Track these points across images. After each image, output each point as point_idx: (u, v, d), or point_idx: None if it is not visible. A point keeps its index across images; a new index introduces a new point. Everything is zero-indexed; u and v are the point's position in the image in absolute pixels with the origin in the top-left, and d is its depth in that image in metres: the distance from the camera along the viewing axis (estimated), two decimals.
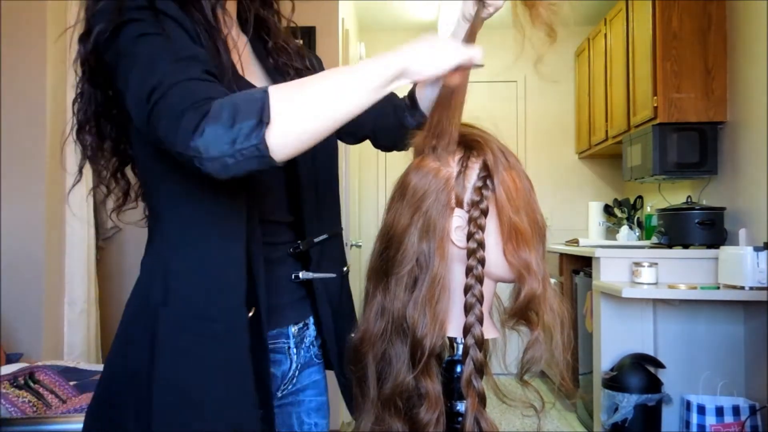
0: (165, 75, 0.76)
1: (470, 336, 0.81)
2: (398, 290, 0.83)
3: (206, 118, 0.72)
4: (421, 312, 0.81)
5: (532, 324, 0.84)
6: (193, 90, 0.75)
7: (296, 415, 1.07)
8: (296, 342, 1.03)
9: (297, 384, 1.06)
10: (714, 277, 2.69)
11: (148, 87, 0.76)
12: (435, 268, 0.82)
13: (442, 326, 0.82)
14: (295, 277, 1.00)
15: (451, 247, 0.85)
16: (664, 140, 3.06)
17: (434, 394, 0.81)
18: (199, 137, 0.72)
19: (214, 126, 0.72)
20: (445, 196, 0.84)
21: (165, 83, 0.75)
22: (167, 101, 0.74)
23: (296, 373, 1.05)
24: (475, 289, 0.82)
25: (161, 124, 0.75)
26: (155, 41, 0.80)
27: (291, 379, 1.04)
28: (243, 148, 0.72)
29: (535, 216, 0.86)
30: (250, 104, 0.72)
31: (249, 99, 0.73)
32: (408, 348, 0.82)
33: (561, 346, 0.82)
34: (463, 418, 0.81)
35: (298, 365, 1.04)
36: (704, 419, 2.58)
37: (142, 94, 0.76)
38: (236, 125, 0.71)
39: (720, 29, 2.99)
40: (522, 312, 0.84)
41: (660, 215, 3.11)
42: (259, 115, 0.72)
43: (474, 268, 0.82)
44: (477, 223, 0.83)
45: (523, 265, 0.83)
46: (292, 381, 1.04)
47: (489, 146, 0.86)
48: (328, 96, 0.75)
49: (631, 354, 2.77)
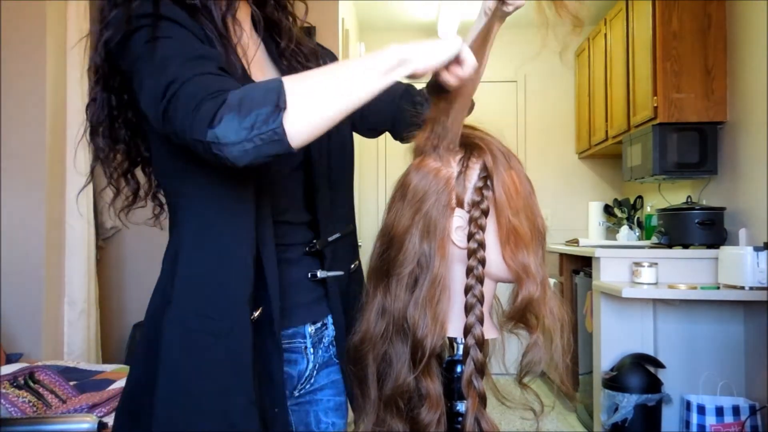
0: (178, 72, 0.78)
1: (471, 336, 0.81)
2: (399, 290, 0.83)
3: (223, 106, 0.74)
4: (421, 312, 0.81)
5: (530, 327, 0.84)
6: (207, 83, 0.77)
7: (314, 414, 1.07)
8: (313, 342, 1.04)
9: (315, 383, 1.06)
10: (714, 277, 2.69)
11: (163, 84, 0.78)
12: (435, 269, 0.82)
13: (442, 326, 0.82)
14: (312, 276, 1.01)
15: (451, 247, 0.85)
16: (664, 140, 3.05)
17: (435, 395, 0.81)
18: (217, 124, 0.74)
19: (231, 114, 0.74)
20: (445, 196, 0.84)
21: (179, 79, 0.77)
22: (183, 94, 0.77)
23: (314, 372, 1.05)
24: (475, 289, 0.82)
25: (178, 115, 0.77)
26: (166, 43, 0.82)
27: (308, 378, 1.04)
28: (261, 132, 0.74)
29: (535, 219, 0.86)
30: (266, 93, 0.75)
31: (265, 88, 0.76)
32: (409, 348, 0.82)
33: (561, 350, 0.82)
34: (463, 418, 0.81)
35: (315, 365, 1.05)
36: (704, 419, 2.58)
37: (157, 92, 0.79)
38: (254, 111, 0.74)
39: (720, 29, 2.99)
40: (519, 315, 0.83)
41: (660, 215, 3.11)
42: (275, 102, 0.74)
43: (474, 268, 0.82)
44: (477, 223, 0.83)
45: (521, 268, 0.83)
46: (309, 381, 1.05)
47: (489, 147, 0.86)
48: (339, 82, 0.79)
49: (631, 354, 2.77)
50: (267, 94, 0.75)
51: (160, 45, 0.82)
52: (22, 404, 1.76)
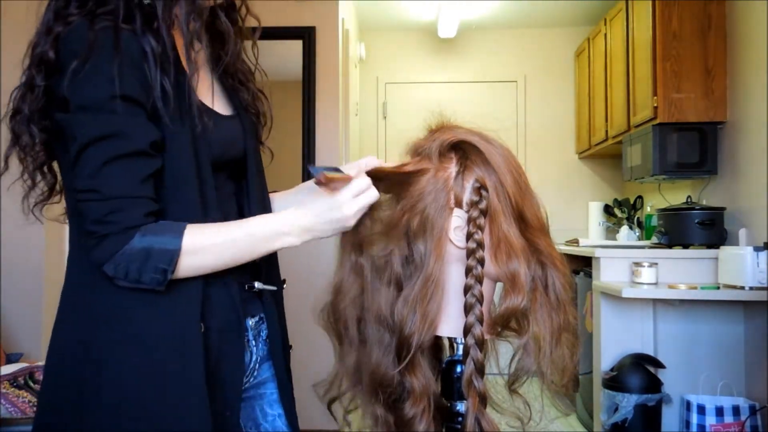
0: (107, 180, 0.85)
1: (470, 336, 0.81)
2: (375, 280, 0.84)
3: (123, 254, 0.84)
4: (410, 310, 0.81)
5: (519, 332, 0.84)
6: (125, 211, 0.85)
7: (260, 408, 1.10)
8: (254, 335, 1.06)
9: (258, 377, 1.08)
10: (714, 277, 2.69)
11: (87, 178, 0.85)
12: (430, 268, 0.82)
13: (431, 325, 0.82)
14: (249, 288, 1.04)
15: (450, 247, 0.84)
16: (664, 140, 3.05)
17: (419, 390, 0.82)
18: (111, 266, 0.85)
19: (125, 265, 0.85)
20: (444, 196, 0.84)
21: (104, 191, 0.84)
22: (98, 211, 0.85)
23: (257, 365, 1.07)
24: (474, 289, 0.82)
25: (86, 221, 0.86)
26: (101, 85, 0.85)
27: (252, 371, 1.06)
28: (145, 285, 0.87)
29: (536, 212, 0.86)
30: (160, 257, 0.85)
31: (162, 250, 0.85)
32: (394, 344, 0.82)
33: (549, 357, 0.82)
34: (463, 418, 0.81)
35: (258, 357, 1.07)
36: (704, 419, 2.58)
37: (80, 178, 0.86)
38: (144, 274, 0.85)
39: (720, 29, 2.99)
40: (503, 322, 0.83)
41: (660, 215, 3.11)
42: (164, 273, 0.86)
43: (474, 268, 0.82)
44: (476, 223, 0.83)
45: (509, 277, 0.83)
46: (253, 374, 1.07)
47: (486, 150, 0.86)
48: (235, 251, 0.91)
49: (631, 354, 2.76)
50: (162, 258, 0.85)
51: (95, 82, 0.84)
52: (22, 404, 1.76)
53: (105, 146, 0.84)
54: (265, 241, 0.92)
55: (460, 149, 0.87)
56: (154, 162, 0.88)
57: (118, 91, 0.84)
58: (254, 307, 1.06)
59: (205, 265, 0.90)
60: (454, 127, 0.89)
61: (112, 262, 0.85)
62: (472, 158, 0.86)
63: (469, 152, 0.86)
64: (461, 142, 0.87)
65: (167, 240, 0.86)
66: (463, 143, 0.87)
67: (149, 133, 0.87)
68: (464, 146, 0.87)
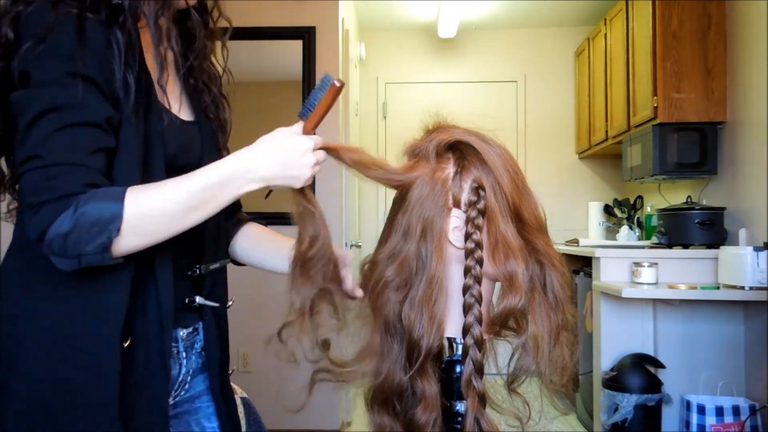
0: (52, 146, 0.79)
1: (470, 336, 0.81)
2: (387, 291, 0.83)
3: (58, 226, 0.77)
4: (417, 312, 0.81)
5: (518, 332, 0.84)
6: (63, 177, 0.78)
7: (195, 422, 1.06)
8: (186, 346, 1.02)
9: (191, 390, 1.04)
10: (714, 277, 2.69)
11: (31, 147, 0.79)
12: (433, 269, 0.82)
13: (439, 327, 0.82)
14: (190, 302, 1.01)
15: (449, 247, 0.84)
16: (664, 140, 3.05)
17: (431, 396, 0.81)
18: (50, 237, 0.78)
19: (61, 240, 0.78)
20: (442, 196, 0.84)
21: (46, 157, 0.78)
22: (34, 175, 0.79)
23: (188, 378, 1.03)
24: (473, 289, 0.82)
25: (25, 193, 0.80)
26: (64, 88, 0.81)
27: (183, 384, 1.02)
28: (87, 262, 0.80)
29: (534, 211, 0.86)
30: (100, 226, 0.78)
31: (99, 216, 0.78)
32: (404, 348, 0.82)
33: (547, 356, 0.82)
34: (463, 418, 0.81)
35: (189, 370, 1.03)
36: (704, 419, 2.58)
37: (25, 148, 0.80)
38: (83, 245, 0.78)
39: (720, 29, 2.99)
40: (501, 322, 0.83)
41: (660, 215, 3.11)
42: (105, 244, 0.79)
43: (472, 268, 0.82)
44: (474, 223, 0.83)
45: (507, 277, 0.83)
46: (184, 387, 1.03)
47: (484, 151, 0.86)
48: (180, 207, 0.83)
49: (631, 354, 2.76)
50: (101, 228, 0.78)
51: (61, 84, 0.80)
52: None
53: (56, 116, 0.79)
54: (222, 187, 0.85)
55: (457, 149, 0.87)
56: (107, 138, 0.83)
57: (76, 70, 0.80)
58: (188, 318, 1.02)
59: (153, 228, 0.82)
60: (451, 128, 0.89)
61: (49, 236, 0.77)
62: (469, 158, 0.86)
63: (466, 152, 0.86)
64: (458, 142, 0.86)
65: (107, 205, 0.79)
66: (460, 143, 0.86)
67: (105, 110, 0.83)
68: (461, 146, 0.86)
